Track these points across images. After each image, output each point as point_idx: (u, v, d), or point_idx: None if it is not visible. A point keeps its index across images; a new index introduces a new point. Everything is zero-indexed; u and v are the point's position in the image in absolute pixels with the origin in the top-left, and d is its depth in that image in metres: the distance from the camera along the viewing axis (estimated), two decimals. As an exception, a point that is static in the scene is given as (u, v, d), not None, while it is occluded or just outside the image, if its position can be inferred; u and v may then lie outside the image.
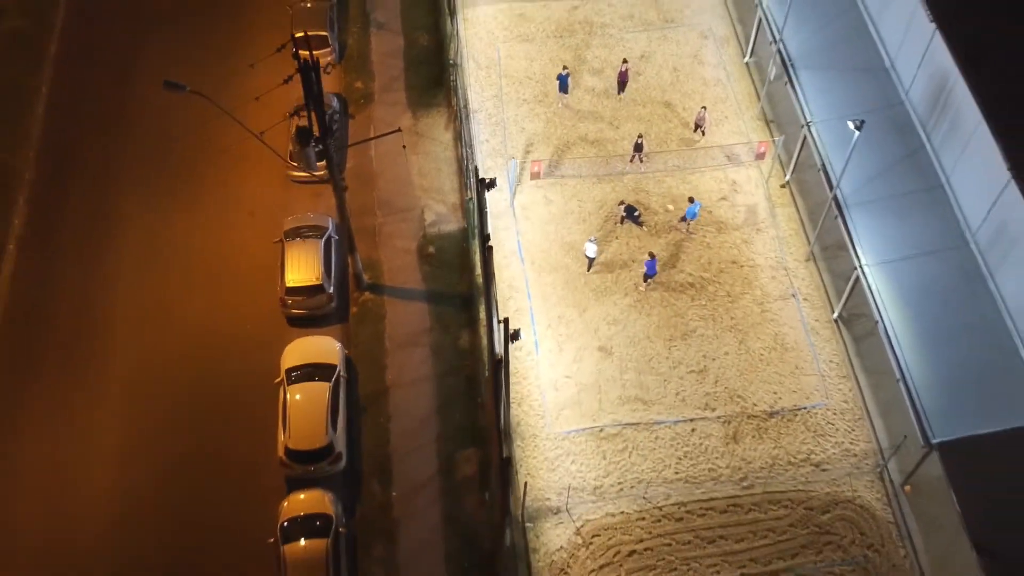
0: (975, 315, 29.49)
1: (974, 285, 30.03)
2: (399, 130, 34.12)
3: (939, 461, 27.44)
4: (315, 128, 28.53)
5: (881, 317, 29.91)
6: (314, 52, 28.36)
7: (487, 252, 28.10)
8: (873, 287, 30.53)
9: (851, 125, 29.79)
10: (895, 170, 32.77)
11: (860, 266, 31.13)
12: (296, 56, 26.38)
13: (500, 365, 26.16)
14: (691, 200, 34.86)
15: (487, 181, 29.53)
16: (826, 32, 36.38)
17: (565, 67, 38.62)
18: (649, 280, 33.99)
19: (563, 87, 38.23)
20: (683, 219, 35.35)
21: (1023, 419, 27.43)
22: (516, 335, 26.87)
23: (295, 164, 30.61)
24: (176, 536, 29.35)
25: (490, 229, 30.66)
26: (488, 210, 29.97)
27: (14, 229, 36.03)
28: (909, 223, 31.63)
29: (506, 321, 26.15)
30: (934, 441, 27.54)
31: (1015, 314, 28.83)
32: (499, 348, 26.80)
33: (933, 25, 31.42)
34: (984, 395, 28.07)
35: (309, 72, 26.30)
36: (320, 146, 28.90)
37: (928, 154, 32.73)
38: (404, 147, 37.37)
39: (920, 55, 32.51)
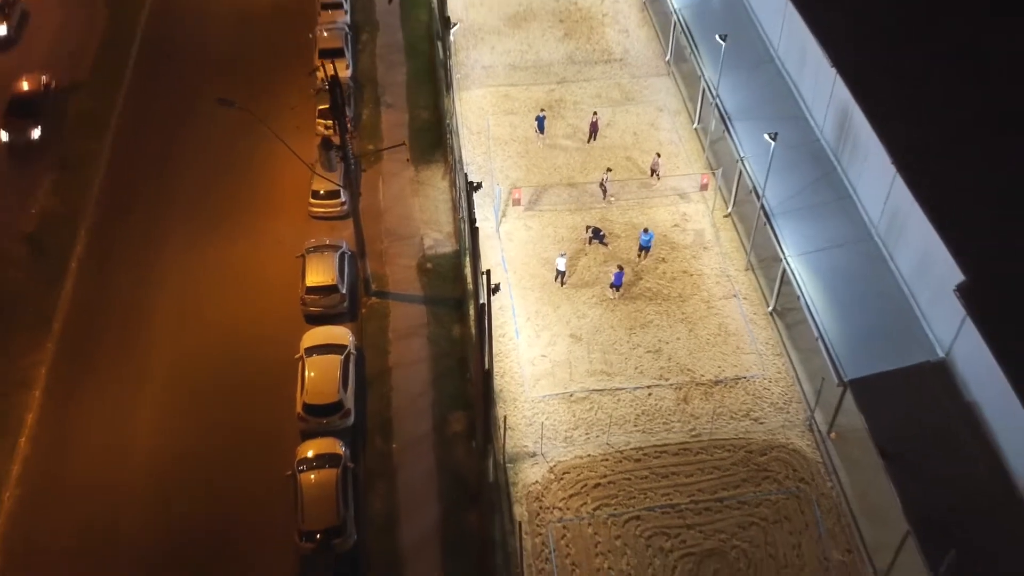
0: (877, 287, 35.69)
1: (876, 265, 36.38)
2: (404, 143, 41.37)
3: (851, 395, 32.88)
4: (336, 138, 35.71)
5: (802, 292, 36.08)
6: (335, 63, 36.13)
7: (474, 233, 34.61)
8: (796, 271, 36.84)
9: (767, 137, 37.04)
10: (812, 187, 39.76)
11: (785, 257, 37.54)
12: (323, 69, 33.89)
13: (484, 309, 32.10)
14: (645, 230, 41.46)
15: (474, 184, 36.29)
16: (756, 92, 44.24)
17: (543, 109, 46.62)
18: (617, 289, 40.13)
19: (540, 127, 45.97)
20: (640, 249, 41.71)
21: (912, 360, 33.08)
22: (496, 288, 32.89)
23: (318, 168, 37.51)
24: (208, 482, 34.29)
25: (480, 249, 37.03)
26: (478, 227, 36.34)
27: (76, 252, 42.62)
28: (824, 224, 38.31)
29: (488, 273, 32.32)
30: (846, 379, 33.11)
31: (909, 282, 35.01)
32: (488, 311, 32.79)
33: (834, 70, 39.20)
34: (883, 345, 33.84)
35: (336, 83, 33.73)
36: (340, 153, 36.03)
37: (839, 174, 39.82)
38: (408, 159, 44.62)
39: (828, 96, 40.17)
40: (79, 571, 31.84)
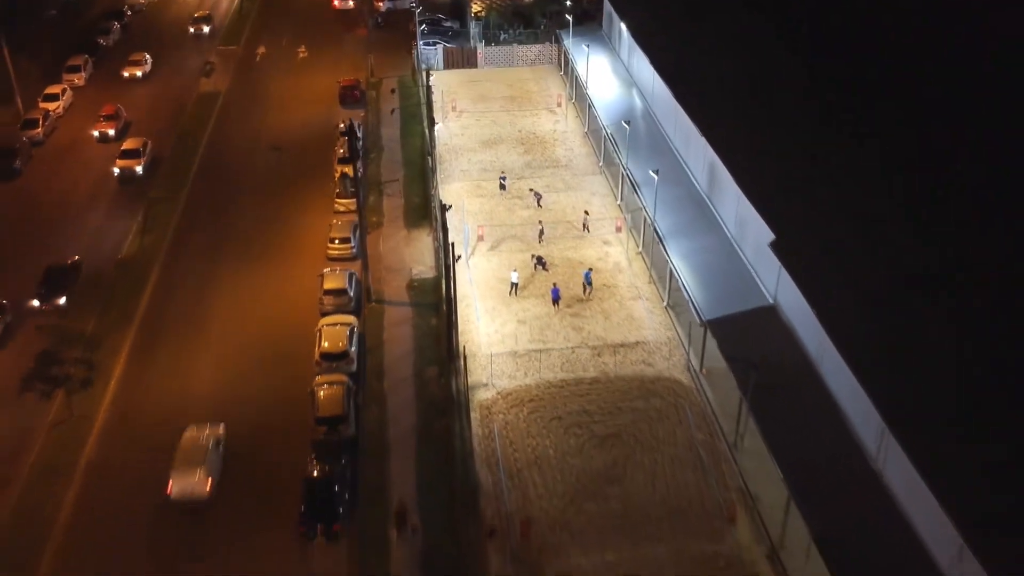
0: (733, 271, 50.10)
1: (732, 258, 51.00)
2: (398, 179, 57.07)
3: (710, 332, 46.50)
4: (351, 171, 51.38)
5: (679, 276, 50.43)
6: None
7: (443, 211, 49.57)
8: (678, 267, 51.31)
9: (651, 172, 52.78)
10: (693, 221, 54.99)
11: (670, 259, 52.14)
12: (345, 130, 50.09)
13: (449, 271, 46.41)
14: (589, 271, 55.93)
15: (446, 206, 51.51)
16: (655, 163, 60.34)
17: (503, 173, 62.56)
18: (557, 303, 54.21)
19: (502, 187, 61.91)
20: (585, 286, 55.84)
21: (750, 305, 47.00)
22: (458, 258, 47.30)
23: (339, 194, 52.87)
24: (249, 408, 47.28)
25: (452, 275, 51.51)
26: (455, 273, 50.98)
27: (153, 273, 57.30)
28: (698, 240, 53.25)
29: (452, 245, 46.90)
30: (705, 320, 46.86)
31: (752, 262, 49.49)
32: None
33: (703, 138, 55.50)
34: (732, 299, 47.82)
35: (354, 132, 49.84)
36: (353, 186, 51.63)
37: (711, 209, 55.18)
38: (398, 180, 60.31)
39: (702, 156, 56.30)
40: (152, 473, 43.84)
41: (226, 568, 38.66)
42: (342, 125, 67.60)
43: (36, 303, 53.77)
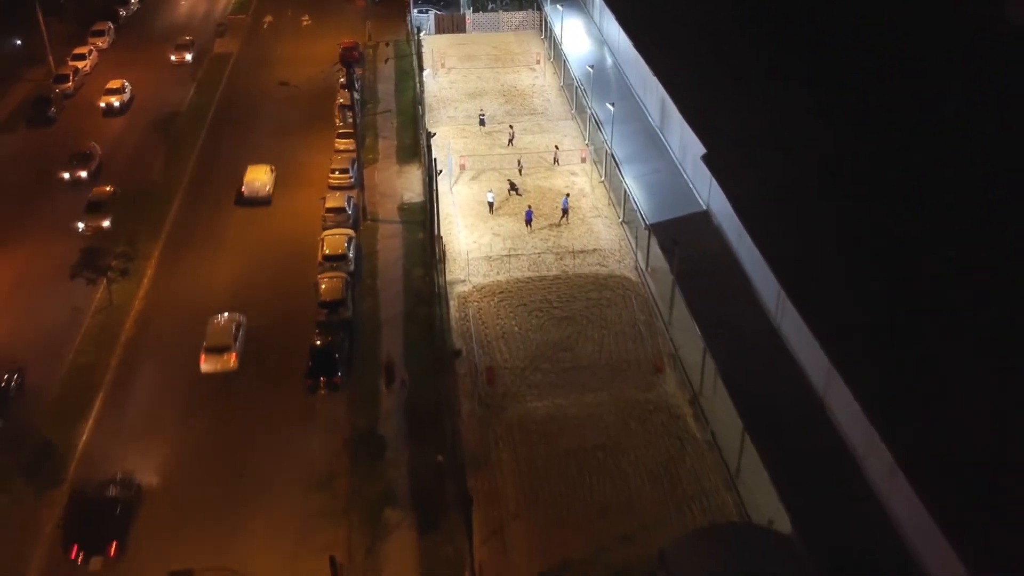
0: (675, 186, 58.43)
1: (676, 178, 59.31)
2: (391, 110, 65.29)
3: (652, 232, 54.84)
4: (348, 99, 59.67)
5: (630, 192, 58.75)
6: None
7: (428, 139, 57.91)
8: (631, 186, 59.64)
9: (608, 105, 61.08)
10: (646, 149, 63.33)
11: (624, 180, 60.47)
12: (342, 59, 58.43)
13: (432, 180, 54.72)
14: (566, 196, 64.20)
15: (431, 134, 59.79)
16: (617, 105, 68.66)
17: (482, 110, 70.82)
18: (530, 224, 62.51)
19: (482, 123, 70.18)
20: (563, 212, 64.15)
21: (687, 211, 55.33)
22: (440, 172, 55.61)
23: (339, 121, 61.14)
24: (262, 298, 55.72)
25: (435, 186, 59.75)
26: (438, 191, 59.27)
27: (179, 192, 65.74)
28: (649, 163, 61.56)
29: (436, 160, 55.22)
30: (649, 223, 55.22)
31: (692, 178, 57.82)
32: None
33: (655, 78, 63.74)
34: (672, 206, 56.13)
35: (351, 65, 58.22)
36: (351, 116, 59.90)
37: (661, 139, 63.54)
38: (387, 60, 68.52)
39: (655, 95, 64.58)
40: (179, 351, 52.13)
41: (250, 416, 47.00)
42: (342, 80, 76.15)
43: (81, 225, 62.12)
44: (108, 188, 65.14)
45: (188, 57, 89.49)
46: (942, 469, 33.65)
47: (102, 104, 79.39)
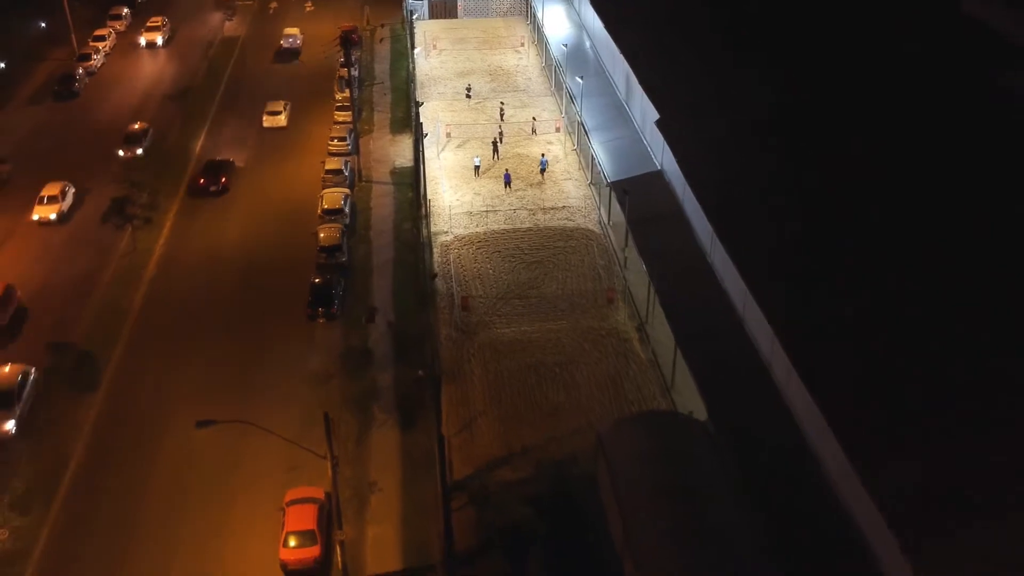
0: (635, 151, 65.85)
1: (638, 144, 66.75)
2: (384, 82, 72.81)
3: (612, 189, 62.27)
4: (347, 72, 67.11)
5: (596, 155, 66.17)
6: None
7: (416, 108, 65.32)
8: (597, 151, 67.05)
9: (578, 79, 68.46)
10: (613, 120, 70.73)
11: (591, 143, 67.90)
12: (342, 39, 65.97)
13: (419, 142, 62.12)
14: (543, 156, 71.68)
15: (419, 103, 67.17)
16: (590, 80, 76.05)
17: (468, 85, 78.16)
18: (508, 185, 69.94)
19: (468, 96, 77.51)
20: (541, 171, 71.66)
21: (644, 171, 62.75)
22: (426, 136, 63.00)
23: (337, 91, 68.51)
24: (269, 246, 63.23)
25: (421, 147, 67.16)
26: (425, 155, 66.66)
27: (197, 149, 73.29)
28: (615, 131, 68.97)
29: (422, 124, 62.63)
30: (609, 181, 62.66)
31: (650, 143, 65.22)
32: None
33: (622, 55, 71.08)
34: (631, 167, 63.57)
35: (348, 44, 65.64)
36: (347, 84, 67.35)
37: (626, 110, 70.91)
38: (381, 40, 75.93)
39: (622, 71, 71.94)
40: (195, 299, 59.55)
41: (259, 338, 54.42)
42: (341, 59, 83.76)
43: (121, 152, 72.23)
44: (141, 124, 75.33)
45: (159, 40, 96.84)
46: (831, 370, 41.14)
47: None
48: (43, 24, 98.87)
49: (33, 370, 49.93)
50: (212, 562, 40.59)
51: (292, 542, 39.85)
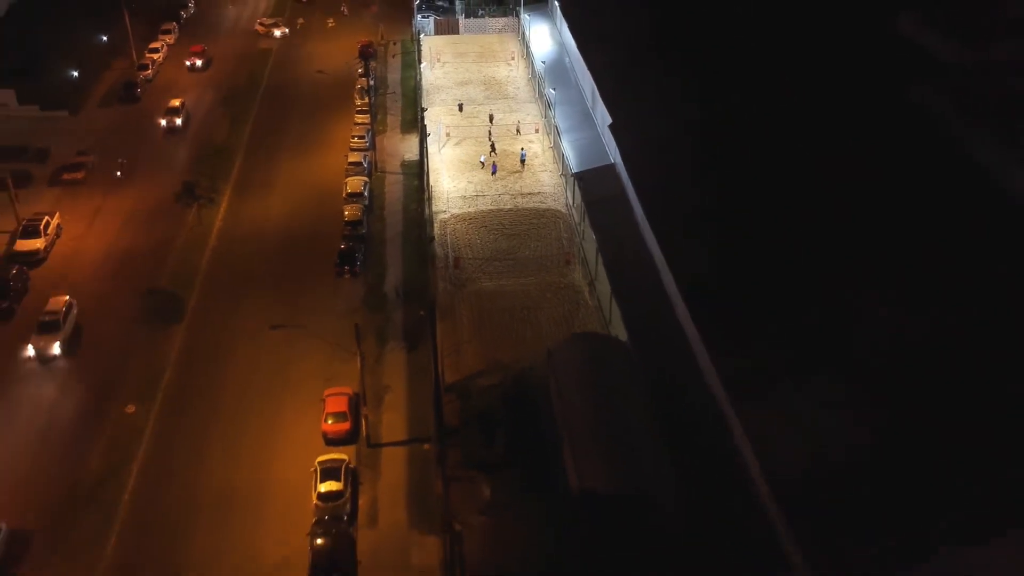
0: (596, 148, 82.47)
1: (597, 143, 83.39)
2: (396, 92, 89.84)
3: (575, 178, 78.87)
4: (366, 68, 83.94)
5: (564, 151, 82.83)
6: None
7: (422, 112, 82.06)
8: (566, 148, 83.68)
9: (551, 90, 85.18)
10: (581, 123, 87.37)
11: (562, 142, 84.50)
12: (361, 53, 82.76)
13: (423, 142, 78.77)
14: (522, 149, 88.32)
15: (424, 108, 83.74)
16: (565, 90, 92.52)
17: (460, 102, 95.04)
18: (494, 173, 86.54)
19: (460, 109, 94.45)
20: (521, 161, 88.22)
21: (600, 164, 79.35)
22: (428, 135, 79.62)
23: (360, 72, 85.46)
24: (304, 224, 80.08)
25: (425, 145, 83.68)
26: (428, 151, 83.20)
27: (240, 150, 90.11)
28: (581, 132, 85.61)
29: (426, 126, 79.27)
30: (573, 172, 79.32)
31: (608, 142, 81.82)
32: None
33: (589, 72, 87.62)
34: (591, 161, 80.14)
35: (368, 56, 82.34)
36: (367, 95, 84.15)
37: (591, 116, 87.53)
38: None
39: (589, 83, 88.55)
40: (248, 261, 76.36)
41: (299, 289, 71.11)
42: (360, 70, 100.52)
43: (163, 122, 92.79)
44: (179, 101, 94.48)
45: (199, 63, 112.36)
46: (710, 297, 57.81)
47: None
48: (104, 38, 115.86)
49: (75, 302, 66.63)
50: (275, 433, 57.42)
51: (330, 420, 56.63)
